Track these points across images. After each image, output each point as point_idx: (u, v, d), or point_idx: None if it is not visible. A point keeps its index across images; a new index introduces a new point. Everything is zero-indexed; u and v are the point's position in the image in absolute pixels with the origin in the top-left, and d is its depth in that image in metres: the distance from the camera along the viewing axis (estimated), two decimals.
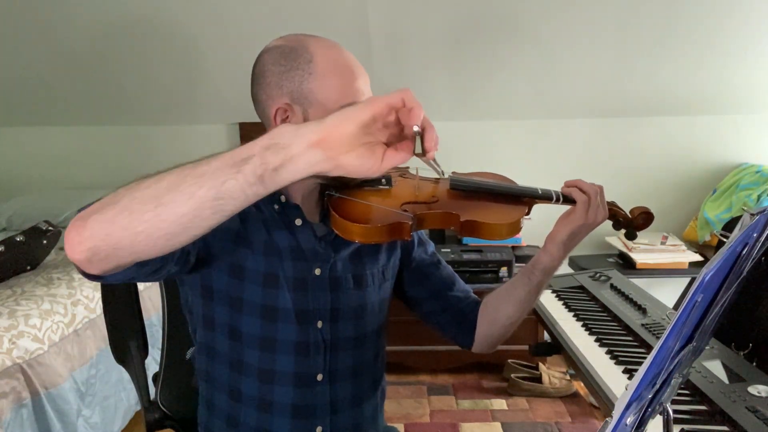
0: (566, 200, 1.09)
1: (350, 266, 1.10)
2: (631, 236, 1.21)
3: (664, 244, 2.86)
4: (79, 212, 0.74)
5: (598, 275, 1.87)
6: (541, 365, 2.84)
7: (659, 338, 0.57)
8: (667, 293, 2.30)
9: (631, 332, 1.47)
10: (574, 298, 1.75)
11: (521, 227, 1.05)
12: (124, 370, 1.36)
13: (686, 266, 2.80)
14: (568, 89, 2.97)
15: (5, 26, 2.76)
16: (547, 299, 1.74)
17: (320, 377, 1.08)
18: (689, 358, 0.74)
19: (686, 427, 1.06)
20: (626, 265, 2.86)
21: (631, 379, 0.79)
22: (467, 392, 2.81)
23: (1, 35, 2.81)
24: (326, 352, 1.08)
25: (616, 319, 1.56)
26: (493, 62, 2.86)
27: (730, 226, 2.73)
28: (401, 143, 0.73)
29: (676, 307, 1.75)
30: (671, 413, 0.74)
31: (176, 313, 1.25)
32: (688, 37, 2.68)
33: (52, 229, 2.44)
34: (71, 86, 3.06)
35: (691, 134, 3.10)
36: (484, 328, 1.20)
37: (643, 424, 0.67)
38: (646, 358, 0.57)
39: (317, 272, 1.07)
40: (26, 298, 2.07)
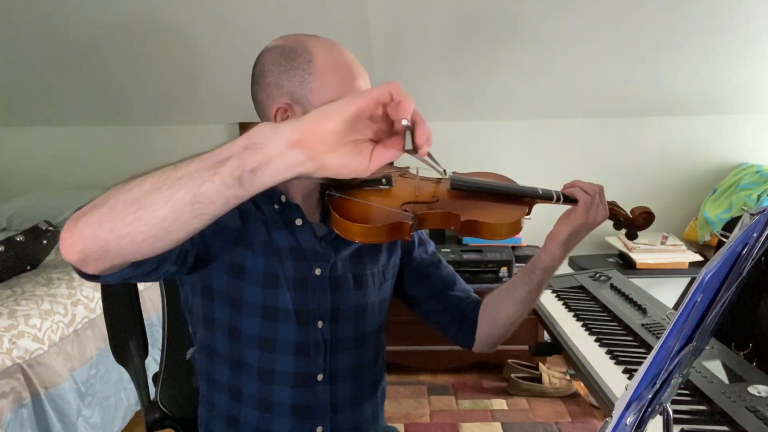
0: (567, 200, 1.09)
1: (350, 266, 1.10)
2: (632, 236, 1.21)
3: (664, 244, 2.86)
4: (74, 212, 0.74)
5: (598, 275, 1.87)
6: (541, 365, 2.84)
7: (659, 338, 0.57)
8: (667, 293, 2.30)
9: (631, 332, 1.47)
10: (574, 298, 1.75)
11: (521, 227, 1.05)
12: (124, 370, 1.36)
13: (686, 266, 2.80)
14: (568, 89, 2.96)
15: (5, 26, 2.76)
16: (547, 299, 1.74)
17: (320, 377, 1.08)
18: (689, 358, 0.74)
19: (686, 427, 1.06)
20: (626, 265, 2.86)
21: (631, 379, 0.79)
22: (467, 392, 2.81)
23: (1, 35, 2.80)
24: (326, 352, 1.08)
25: (616, 319, 1.56)
26: (493, 62, 2.86)
27: (730, 226, 2.72)
28: (390, 139, 0.68)
29: (676, 307, 1.75)
30: (671, 413, 0.74)
31: (176, 313, 1.26)
32: (688, 37, 2.68)
33: (52, 229, 2.45)
34: (71, 86, 3.06)
35: (691, 134, 3.10)
36: (484, 327, 1.20)
37: (643, 424, 0.67)
38: (646, 358, 0.57)
39: (317, 272, 1.06)
40: (26, 298, 2.07)
